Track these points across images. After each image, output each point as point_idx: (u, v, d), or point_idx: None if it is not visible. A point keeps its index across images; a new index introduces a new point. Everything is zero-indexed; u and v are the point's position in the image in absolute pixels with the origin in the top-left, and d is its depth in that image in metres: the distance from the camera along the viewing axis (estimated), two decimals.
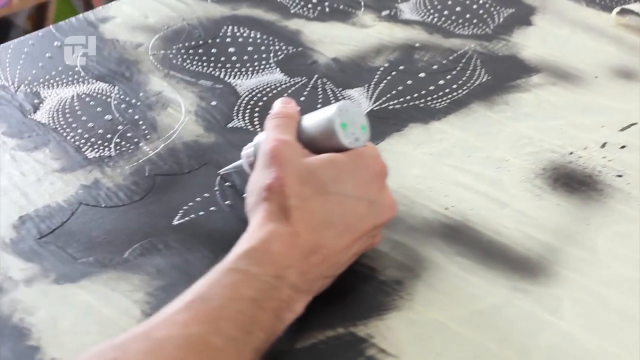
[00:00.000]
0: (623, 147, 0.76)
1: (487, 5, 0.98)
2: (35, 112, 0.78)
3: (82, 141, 0.74)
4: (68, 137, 0.75)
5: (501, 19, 0.96)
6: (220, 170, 0.71)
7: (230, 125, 0.77)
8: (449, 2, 0.98)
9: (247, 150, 0.67)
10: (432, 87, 0.84)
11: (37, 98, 0.79)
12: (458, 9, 0.97)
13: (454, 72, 0.86)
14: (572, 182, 0.72)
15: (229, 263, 0.54)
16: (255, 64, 0.86)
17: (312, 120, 0.62)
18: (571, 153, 0.76)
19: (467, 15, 0.96)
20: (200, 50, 0.87)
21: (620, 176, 0.73)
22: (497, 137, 0.77)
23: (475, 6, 0.98)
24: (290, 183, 0.57)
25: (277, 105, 0.65)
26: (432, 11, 0.96)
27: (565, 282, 0.63)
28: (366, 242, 0.61)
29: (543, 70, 0.87)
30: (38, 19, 1.90)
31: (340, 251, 0.58)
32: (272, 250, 0.55)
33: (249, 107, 0.80)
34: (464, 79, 0.85)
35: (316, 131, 0.62)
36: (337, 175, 0.59)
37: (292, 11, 0.95)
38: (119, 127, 0.76)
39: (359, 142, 0.61)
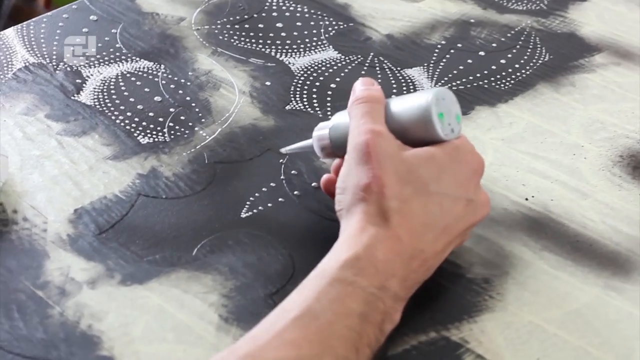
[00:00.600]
0: None
1: None
2: (78, 92, 0.72)
3: (133, 125, 0.69)
4: (117, 121, 0.69)
5: None
6: (284, 149, 0.64)
7: (288, 107, 0.72)
8: None
9: (320, 132, 0.60)
10: (494, 67, 0.79)
11: (78, 77, 0.73)
12: None
13: (514, 51, 0.81)
14: None
15: (334, 272, 0.50)
16: (307, 40, 0.80)
17: (403, 107, 0.57)
18: None
19: None
20: (246, 26, 0.81)
21: None
22: (568, 121, 0.74)
23: None
24: (390, 183, 0.53)
25: (359, 87, 0.58)
26: None
27: None
28: (458, 241, 0.57)
29: (604, 49, 0.83)
30: None
31: (437, 254, 0.54)
32: (377, 259, 0.51)
33: (305, 87, 0.75)
34: (525, 57, 0.81)
35: (408, 120, 0.56)
36: (437, 174, 0.54)
37: None
38: (171, 110, 0.71)
39: (454, 134, 0.57)
